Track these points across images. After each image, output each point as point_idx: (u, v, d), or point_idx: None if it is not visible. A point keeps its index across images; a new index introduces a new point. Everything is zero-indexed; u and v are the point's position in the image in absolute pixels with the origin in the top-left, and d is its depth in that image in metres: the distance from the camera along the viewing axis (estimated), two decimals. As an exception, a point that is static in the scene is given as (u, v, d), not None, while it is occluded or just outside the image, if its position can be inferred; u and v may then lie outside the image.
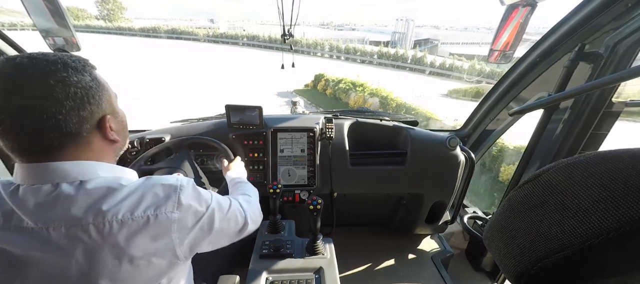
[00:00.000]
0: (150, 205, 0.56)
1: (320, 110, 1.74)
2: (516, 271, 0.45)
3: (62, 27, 1.16)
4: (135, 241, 0.53)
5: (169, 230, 0.57)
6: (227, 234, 0.77)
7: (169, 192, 0.59)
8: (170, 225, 0.57)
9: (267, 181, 1.50)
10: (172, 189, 0.59)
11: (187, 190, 0.62)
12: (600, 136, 1.13)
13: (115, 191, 0.55)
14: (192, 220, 0.61)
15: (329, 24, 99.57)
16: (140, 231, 0.54)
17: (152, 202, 0.56)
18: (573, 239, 0.35)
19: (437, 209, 1.74)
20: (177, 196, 0.59)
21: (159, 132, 1.53)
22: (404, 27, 38.68)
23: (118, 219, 0.52)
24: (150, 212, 0.55)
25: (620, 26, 0.92)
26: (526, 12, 1.11)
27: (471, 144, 1.80)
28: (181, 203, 0.59)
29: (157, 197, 0.57)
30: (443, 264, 1.74)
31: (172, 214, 0.57)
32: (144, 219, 0.54)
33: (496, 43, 1.23)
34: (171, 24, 42.40)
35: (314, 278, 0.97)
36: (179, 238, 0.59)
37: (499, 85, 1.46)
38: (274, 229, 1.18)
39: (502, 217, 0.48)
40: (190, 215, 0.61)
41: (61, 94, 0.51)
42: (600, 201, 0.34)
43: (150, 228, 0.55)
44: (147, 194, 0.57)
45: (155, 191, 0.58)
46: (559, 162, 0.41)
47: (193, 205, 0.62)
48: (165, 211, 0.57)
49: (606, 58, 0.98)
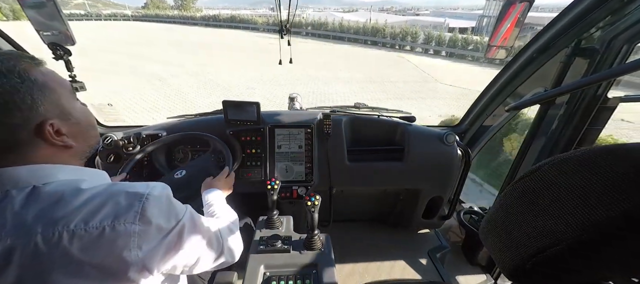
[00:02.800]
0: (109, 215, 0.50)
1: (318, 106, 1.74)
2: (512, 265, 0.45)
3: (56, 21, 1.14)
4: (88, 255, 0.47)
5: (128, 244, 0.50)
6: (202, 258, 0.68)
7: (132, 202, 0.52)
8: (129, 239, 0.50)
9: (265, 177, 1.49)
10: (137, 198, 0.53)
11: (155, 200, 0.55)
12: (595, 131, 1.14)
13: (72, 197, 0.49)
14: (155, 235, 0.54)
15: (389, 8, 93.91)
16: (94, 244, 0.48)
17: (112, 211, 0.50)
18: (568, 234, 0.36)
19: (433, 205, 1.75)
20: (141, 206, 0.52)
21: (156, 128, 1.52)
22: (496, 8, 29.52)
23: (69, 229, 0.46)
24: (107, 222, 0.49)
25: (616, 21, 0.92)
26: (523, 8, 1.10)
27: (468, 140, 1.80)
28: (144, 215, 0.52)
29: (117, 207, 0.51)
30: (439, 258, 1.76)
31: (131, 226, 0.51)
32: (99, 230, 0.48)
33: (494, 38, 1.23)
34: (235, 12, 41.78)
35: (311, 273, 0.97)
36: (141, 254, 0.52)
37: (495, 81, 1.47)
38: (272, 224, 1.18)
39: (498, 212, 0.48)
40: (154, 229, 0.54)
41: None
42: (596, 196, 0.34)
43: (106, 241, 0.48)
44: (108, 202, 0.51)
45: (118, 199, 0.52)
46: (554, 158, 0.41)
47: (158, 218, 0.55)
48: (125, 222, 0.50)
49: (602, 53, 0.98)
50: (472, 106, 1.70)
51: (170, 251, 0.57)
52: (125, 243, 0.50)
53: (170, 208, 0.59)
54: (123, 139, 1.41)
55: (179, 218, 0.60)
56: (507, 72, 1.36)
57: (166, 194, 0.59)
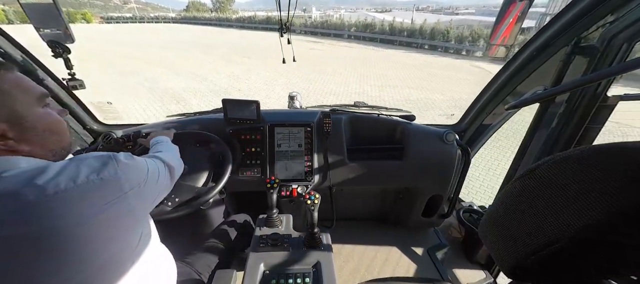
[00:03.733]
0: (91, 172, 0.53)
1: (318, 105, 1.74)
2: (511, 264, 0.45)
3: (56, 19, 1.14)
4: (85, 204, 0.51)
5: (120, 187, 0.57)
6: (165, 186, 0.82)
7: (105, 160, 0.57)
8: (120, 183, 0.57)
9: (264, 175, 1.50)
10: (108, 157, 0.58)
11: (121, 155, 0.61)
12: (594, 129, 1.14)
13: (47, 169, 0.50)
14: (139, 175, 0.63)
15: (425, 8, 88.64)
16: (89, 194, 0.52)
17: (91, 170, 0.54)
18: (567, 232, 0.36)
19: (433, 203, 1.76)
20: (115, 160, 0.58)
21: (155, 127, 1.52)
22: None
23: (61, 188, 0.48)
24: (94, 177, 0.53)
25: (616, 20, 0.92)
26: (524, 6, 1.10)
27: (468, 139, 1.81)
28: (121, 163, 0.59)
29: (94, 167, 0.54)
30: (439, 257, 1.76)
31: (116, 174, 0.56)
32: (90, 184, 0.52)
33: (494, 37, 1.23)
34: (271, 14, 40.89)
35: (311, 271, 0.98)
36: (133, 193, 0.60)
37: (495, 79, 1.47)
38: (272, 223, 1.18)
39: (497, 210, 0.49)
40: (133, 171, 0.62)
41: None
42: (594, 194, 0.34)
43: (99, 189, 0.53)
44: (82, 165, 0.54)
45: (89, 162, 0.55)
46: (553, 156, 0.41)
47: (133, 163, 0.63)
48: (109, 174, 0.55)
49: (602, 52, 0.98)
50: (471, 104, 1.70)
51: (149, 192, 0.68)
52: (116, 188, 0.56)
53: (134, 157, 0.65)
54: (123, 137, 1.41)
55: (146, 161, 0.70)
56: (507, 71, 1.36)
57: (126, 154, 0.64)
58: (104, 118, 1.76)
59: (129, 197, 0.59)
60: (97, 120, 1.71)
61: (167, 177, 0.83)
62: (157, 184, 0.72)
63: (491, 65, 13.85)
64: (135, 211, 0.61)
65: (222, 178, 1.23)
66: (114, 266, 0.58)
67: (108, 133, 1.41)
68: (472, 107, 1.70)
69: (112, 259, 0.57)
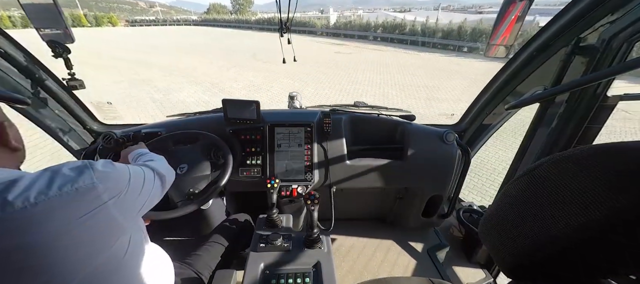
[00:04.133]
0: (65, 183, 0.50)
1: (318, 105, 1.74)
2: (510, 264, 0.46)
3: (56, 19, 1.14)
4: (60, 217, 0.49)
5: (98, 197, 0.54)
6: (155, 194, 0.78)
7: (81, 169, 0.54)
8: (97, 192, 0.54)
9: (264, 175, 1.50)
10: (83, 166, 0.55)
11: (99, 163, 0.58)
12: (594, 129, 1.14)
13: (18, 181, 0.48)
14: (120, 182, 0.60)
15: (447, 7, 78.96)
16: (63, 205, 0.49)
17: (65, 180, 0.51)
18: (566, 231, 0.36)
19: (433, 203, 1.76)
20: (91, 169, 0.55)
21: (155, 126, 1.52)
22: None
23: (31, 202, 0.46)
24: (68, 188, 0.50)
25: (615, 20, 0.92)
26: (523, 6, 1.10)
27: (468, 139, 1.81)
28: (98, 172, 0.56)
29: (68, 177, 0.52)
30: (439, 257, 1.76)
31: (92, 183, 0.53)
32: (64, 195, 0.49)
33: (494, 37, 1.23)
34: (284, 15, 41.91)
35: (311, 271, 0.98)
36: (113, 202, 0.57)
37: (495, 79, 1.47)
38: (271, 223, 1.18)
39: (497, 210, 0.49)
40: (113, 180, 0.58)
41: None
42: (593, 194, 0.34)
43: (74, 200, 0.50)
44: (56, 176, 0.51)
45: (63, 172, 0.52)
46: (553, 156, 0.41)
47: (112, 171, 0.59)
48: (85, 183, 0.52)
49: (602, 52, 0.98)
50: (471, 104, 1.70)
51: (135, 194, 0.65)
52: (94, 199, 0.53)
53: (114, 164, 0.63)
54: (122, 137, 1.41)
55: (127, 168, 0.66)
56: (507, 71, 1.36)
57: (104, 162, 0.62)
58: (103, 118, 1.76)
59: (110, 206, 0.56)
60: (97, 120, 1.71)
61: (158, 185, 0.81)
62: (142, 191, 0.69)
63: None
64: (118, 220, 0.58)
65: (222, 178, 1.23)
66: (101, 278, 0.56)
67: (108, 133, 1.41)
68: (472, 107, 1.70)
69: (98, 272, 0.55)
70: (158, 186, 0.81)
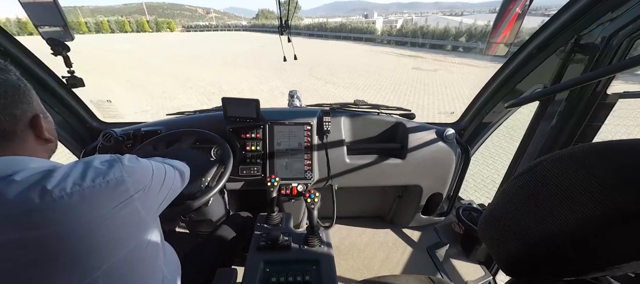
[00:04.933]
0: (97, 175, 0.53)
1: (318, 103, 1.74)
2: (509, 261, 0.46)
3: (56, 17, 1.13)
4: (92, 207, 0.51)
5: (126, 190, 0.57)
6: (175, 190, 0.81)
7: (111, 162, 0.57)
8: (126, 186, 0.57)
9: (264, 174, 1.50)
10: (113, 159, 0.59)
11: (126, 158, 0.61)
12: (594, 127, 1.14)
13: (54, 171, 0.51)
14: (145, 177, 0.63)
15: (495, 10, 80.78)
16: (95, 197, 0.52)
17: (97, 173, 0.54)
18: (565, 229, 0.36)
19: (433, 201, 1.76)
20: (120, 163, 0.58)
21: (155, 125, 1.52)
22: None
23: (67, 192, 0.48)
24: (100, 180, 0.53)
25: (615, 18, 0.92)
26: (523, 4, 1.10)
27: (467, 137, 1.81)
28: (126, 166, 0.59)
29: (100, 170, 0.55)
30: (438, 255, 1.77)
31: (121, 177, 0.56)
32: (96, 187, 0.52)
33: (494, 35, 1.23)
34: (344, 20, 39.44)
35: (311, 269, 0.98)
36: (138, 196, 0.59)
37: (495, 77, 1.47)
38: (272, 221, 1.19)
39: (496, 208, 0.49)
40: (138, 174, 0.61)
41: None
42: (593, 192, 0.34)
43: (104, 192, 0.53)
44: (89, 168, 0.54)
45: (95, 165, 0.55)
46: (553, 154, 0.41)
47: (138, 166, 0.62)
48: (115, 176, 0.55)
49: (601, 50, 0.98)
50: (471, 102, 1.70)
51: (159, 189, 0.68)
52: (123, 191, 0.56)
53: (141, 164, 0.65)
54: (122, 135, 1.41)
55: (151, 162, 0.69)
56: (507, 69, 1.36)
57: (130, 157, 0.64)
58: (103, 116, 1.76)
59: (135, 200, 0.58)
60: (97, 118, 1.71)
61: (178, 181, 0.84)
62: (162, 186, 0.71)
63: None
64: (141, 214, 0.60)
65: (222, 177, 1.23)
66: (124, 268, 0.57)
67: (108, 131, 1.41)
68: (472, 105, 1.70)
69: (122, 262, 0.56)
70: (178, 182, 0.84)
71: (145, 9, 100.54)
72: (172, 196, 0.79)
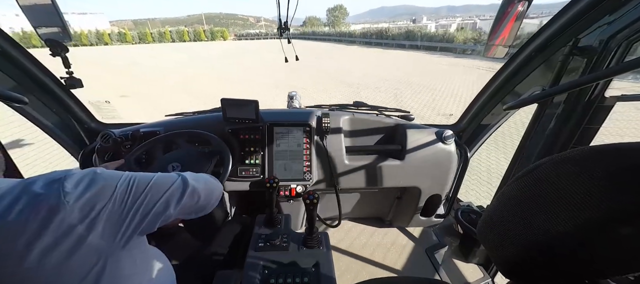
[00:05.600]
0: (28, 204, 0.46)
1: (317, 105, 1.74)
2: (508, 264, 0.46)
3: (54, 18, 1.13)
4: (19, 247, 0.44)
5: (62, 220, 0.48)
6: (160, 199, 0.64)
7: (49, 184, 0.50)
8: (63, 217, 0.48)
9: (263, 175, 1.49)
10: (54, 179, 0.51)
11: (78, 174, 0.53)
12: (592, 130, 1.14)
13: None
14: (98, 198, 0.53)
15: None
16: (22, 235, 0.45)
17: (30, 201, 0.47)
18: (564, 232, 0.36)
19: (431, 203, 1.76)
20: (60, 184, 0.50)
21: (153, 126, 1.51)
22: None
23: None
24: (29, 210, 0.46)
25: (613, 21, 0.93)
26: (522, 6, 1.11)
27: (466, 139, 1.81)
28: (67, 191, 0.49)
29: (35, 194, 0.48)
30: (437, 257, 1.77)
31: (59, 204, 0.48)
32: (23, 220, 0.45)
33: (492, 37, 1.23)
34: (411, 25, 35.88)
35: (310, 271, 0.98)
36: (87, 225, 0.50)
37: (494, 80, 1.47)
38: (271, 223, 1.18)
39: (495, 211, 0.49)
40: (91, 195, 0.52)
41: None
42: (592, 195, 0.34)
43: (34, 228, 0.46)
44: (23, 194, 0.47)
45: (33, 188, 0.48)
46: (551, 157, 0.41)
47: (93, 185, 0.53)
48: (49, 205, 0.47)
49: (600, 52, 0.99)
50: (470, 104, 1.70)
51: (121, 210, 0.56)
52: (60, 222, 0.47)
53: (103, 176, 0.56)
54: (121, 136, 1.40)
55: (118, 179, 0.58)
56: (505, 71, 1.37)
57: (91, 171, 0.56)
58: (102, 117, 1.75)
59: (81, 228, 0.50)
60: (95, 119, 1.70)
61: (176, 191, 0.69)
62: (138, 201, 0.59)
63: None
64: (94, 243, 0.51)
65: (221, 178, 1.22)
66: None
67: (106, 132, 1.40)
68: (471, 107, 1.70)
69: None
70: (176, 193, 0.70)
71: (203, 19, 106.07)
72: (165, 206, 0.65)
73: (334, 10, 74.37)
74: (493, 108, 1.57)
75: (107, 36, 43.96)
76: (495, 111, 1.58)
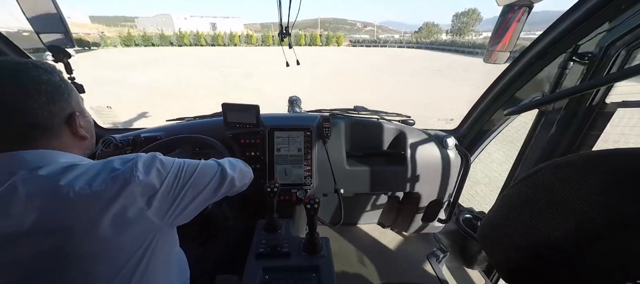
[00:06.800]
0: (108, 176, 0.55)
1: (318, 109, 1.74)
2: (509, 268, 0.45)
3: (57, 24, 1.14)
4: (97, 210, 0.52)
5: (133, 194, 0.57)
6: (203, 189, 0.74)
7: (125, 162, 0.60)
8: (132, 189, 0.57)
9: (264, 180, 1.49)
10: (130, 159, 0.61)
11: (146, 157, 0.62)
12: (593, 136, 1.14)
13: (72, 168, 0.54)
14: (156, 180, 0.61)
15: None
16: (101, 200, 0.53)
17: (110, 174, 0.56)
18: (565, 237, 0.36)
19: (432, 208, 1.76)
20: (134, 163, 0.59)
21: (154, 131, 1.51)
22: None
23: (75, 191, 0.51)
24: (109, 181, 0.55)
25: (613, 28, 0.93)
26: (522, 13, 1.12)
27: (467, 144, 1.81)
28: (138, 168, 0.59)
29: (114, 169, 0.57)
30: (438, 262, 1.76)
31: (131, 178, 0.57)
32: (103, 188, 0.54)
33: (493, 43, 1.24)
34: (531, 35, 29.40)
35: (311, 276, 0.97)
36: (147, 201, 0.59)
37: (494, 85, 1.48)
38: (271, 228, 1.18)
39: (496, 215, 0.49)
40: (153, 176, 0.61)
41: (33, 90, 0.55)
42: (592, 200, 0.34)
43: (111, 195, 0.54)
44: (105, 167, 0.57)
45: (113, 164, 0.58)
46: (551, 162, 0.41)
47: (153, 167, 0.62)
48: (124, 178, 0.56)
49: (600, 59, 0.99)
50: (471, 109, 1.71)
51: (174, 192, 0.65)
52: (130, 195, 0.56)
53: (162, 161, 0.65)
54: (121, 141, 1.40)
55: (172, 163, 0.67)
56: (506, 77, 1.37)
57: (156, 155, 0.66)
58: (102, 122, 1.75)
59: (143, 202, 0.58)
60: (96, 124, 1.71)
61: (216, 180, 0.79)
62: (187, 186, 0.68)
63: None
64: (150, 218, 0.60)
65: None
66: (147, 271, 0.60)
67: (107, 137, 1.40)
68: (472, 112, 1.70)
69: (133, 270, 0.57)
70: (211, 182, 0.78)
71: (319, 23, 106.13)
72: (206, 197, 0.75)
73: (463, 16, 57.93)
74: (494, 113, 1.57)
75: (237, 38, 46.67)
76: (495, 117, 1.58)
